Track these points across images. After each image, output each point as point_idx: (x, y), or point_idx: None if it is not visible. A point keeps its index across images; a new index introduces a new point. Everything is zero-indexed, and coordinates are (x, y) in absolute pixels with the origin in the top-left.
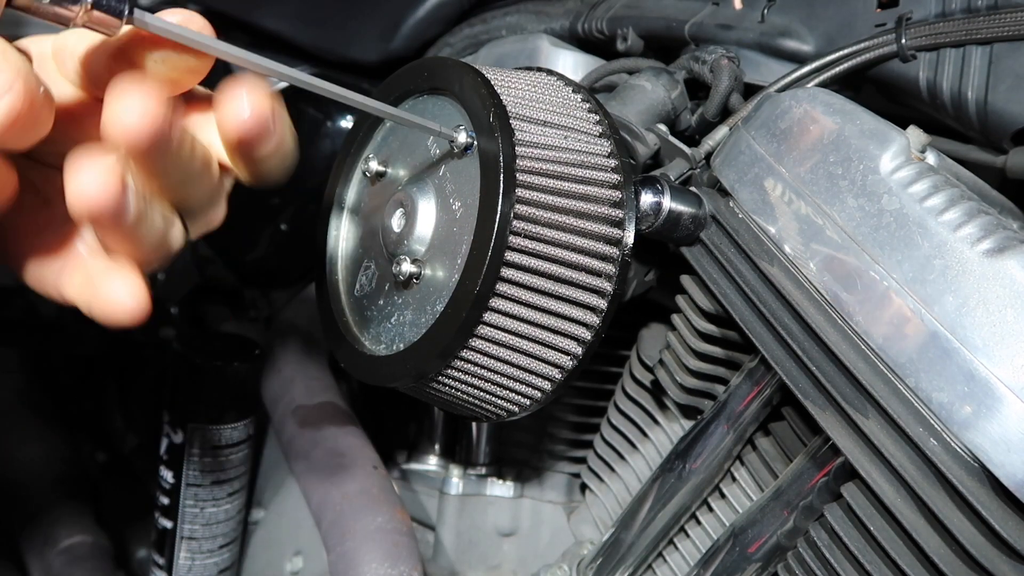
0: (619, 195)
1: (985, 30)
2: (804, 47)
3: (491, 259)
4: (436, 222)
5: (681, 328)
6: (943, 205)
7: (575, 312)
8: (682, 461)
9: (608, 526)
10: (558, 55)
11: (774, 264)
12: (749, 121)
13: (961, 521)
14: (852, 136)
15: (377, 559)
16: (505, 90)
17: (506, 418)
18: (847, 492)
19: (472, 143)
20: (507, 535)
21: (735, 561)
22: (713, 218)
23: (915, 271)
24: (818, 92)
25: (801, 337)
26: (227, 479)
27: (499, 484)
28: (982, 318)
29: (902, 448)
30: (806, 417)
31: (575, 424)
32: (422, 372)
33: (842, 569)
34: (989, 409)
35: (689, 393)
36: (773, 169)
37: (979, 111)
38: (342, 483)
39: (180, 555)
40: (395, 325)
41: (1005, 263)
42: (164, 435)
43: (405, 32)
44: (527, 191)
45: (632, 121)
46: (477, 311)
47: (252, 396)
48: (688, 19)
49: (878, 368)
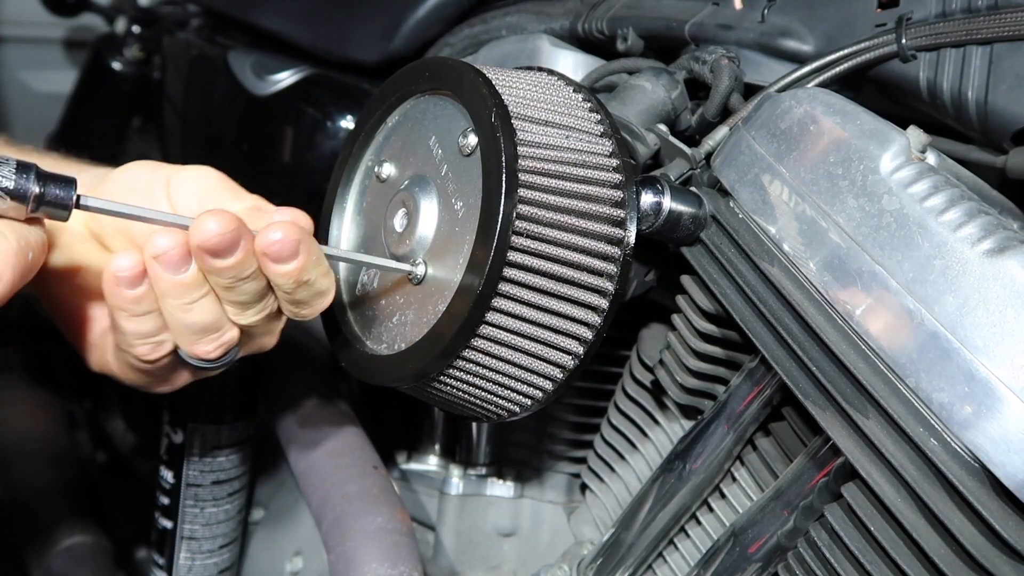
0: (621, 195)
1: (985, 30)
2: (804, 47)
3: (493, 259)
4: (438, 222)
5: (681, 328)
6: (943, 205)
7: (577, 312)
8: (682, 461)
9: (608, 526)
10: (558, 55)
11: (774, 264)
12: (749, 121)
13: (961, 521)
14: (852, 136)
15: (377, 559)
16: (506, 90)
17: (507, 418)
18: (847, 492)
19: (475, 148)
20: (507, 535)
21: (735, 561)
22: (713, 218)
23: (915, 271)
24: (818, 92)
25: (801, 337)
26: (227, 479)
27: (499, 484)
28: (982, 318)
29: (902, 448)
30: (806, 417)
31: (575, 424)
32: (423, 372)
33: (842, 569)
34: (989, 409)
35: (689, 393)
36: (773, 169)
37: (979, 111)
38: (342, 483)
39: (180, 555)
40: (396, 324)
41: (1005, 263)
42: (164, 435)
43: (405, 32)
44: (529, 191)
45: (632, 121)
46: (479, 310)
47: (252, 396)
48: (688, 19)
49: (878, 368)
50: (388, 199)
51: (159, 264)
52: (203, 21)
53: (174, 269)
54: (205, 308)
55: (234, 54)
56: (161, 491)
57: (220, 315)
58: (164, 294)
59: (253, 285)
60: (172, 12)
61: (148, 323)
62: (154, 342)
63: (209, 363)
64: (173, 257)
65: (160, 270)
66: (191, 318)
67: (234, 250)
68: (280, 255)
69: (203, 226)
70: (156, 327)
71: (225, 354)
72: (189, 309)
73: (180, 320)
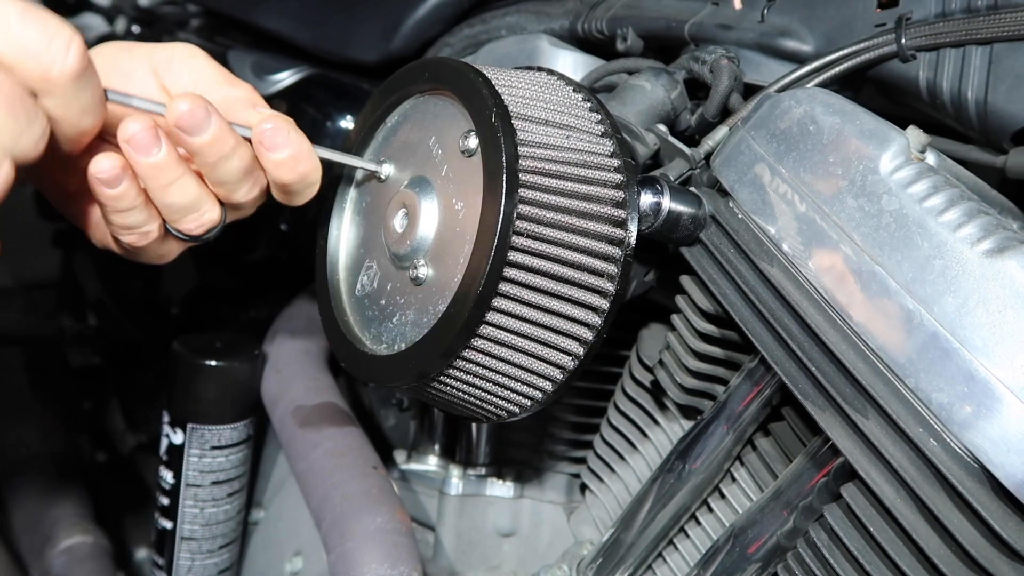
0: (622, 195)
1: (985, 30)
2: (804, 47)
3: (494, 259)
4: (439, 222)
5: (681, 328)
6: (943, 205)
7: (577, 312)
8: (682, 461)
9: (608, 526)
10: (558, 55)
11: (774, 264)
12: (749, 121)
13: (961, 521)
14: (852, 136)
15: (377, 559)
16: (506, 90)
17: (507, 419)
18: (847, 492)
19: (476, 148)
20: (507, 535)
21: (735, 562)
22: (713, 218)
23: (915, 271)
24: (818, 92)
25: (801, 337)
26: (227, 479)
27: (499, 484)
28: (982, 318)
29: (902, 448)
30: (806, 417)
31: (575, 424)
32: (424, 372)
33: (842, 570)
34: (989, 409)
35: (689, 393)
36: (773, 169)
37: (979, 111)
38: (342, 483)
39: (180, 555)
40: (397, 325)
41: (1005, 263)
42: (164, 435)
43: (405, 32)
44: (530, 191)
45: (632, 121)
46: (480, 311)
47: (252, 396)
48: (688, 19)
49: (878, 368)
50: (388, 199)
51: (130, 147)
52: (203, 21)
53: (145, 152)
54: (183, 188)
55: (234, 54)
56: (161, 491)
57: (199, 195)
58: (142, 177)
59: (235, 163)
60: (172, 12)
61: (131, 217)
62: (139, 232)
63: (193, 238)
64: (143, 139)
65: (132, 152)
66: (170, 198)
67: (206, 127)
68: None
69: (175, 106)
70: (140, 220)
71: (209, 231)
72: (167, 190)
73: (161, 200)
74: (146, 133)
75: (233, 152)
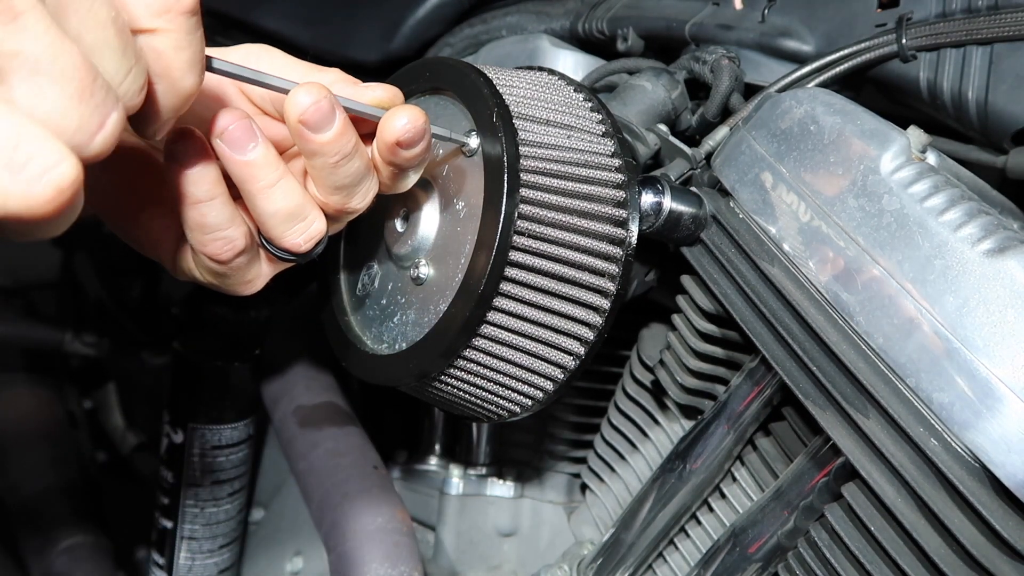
0: (623, 195)
1: (985, 30)
2: (804, 47)
3: (495, 259)
4: (440, 222)
5: (681, 328)
6: (943, 205)
7: (578, 312)
8: (682, 461)
9: (608, 526)
10: (558, 55)
11: (774, 264)
12: (749, 121)
13: (961, 521)
14: (852, 136)
15: (377, 559)
16: (507, 90)
17: (508, 418)
18: (847, 492)
19: (477, 148)
20: (507, 535)
21: (735, 561)
22: (713, 218)
23: (915, 271)
24: (818, 92)
25: (801, 337)
26: (227, 479)
27: (499, 484)
28: (982, 318)
29: (902, 448)
30: (806, 417)
31: (575, 424)
32: (425, 371)
33: (842, 569)
34: (990, 409)
35: (689, 393)
36: (773, 169)
37: (979, 111)
38: (342, 483)
39: (180, 555)
40: (398, 324)
41: (1005, 263)
42: (164, 435)
43: (405, 32)
44: (531, 191)
45: (633, 121)
46: (481, 310)
47: (252, 396)
48: (688, 19)
49: (878, 368)
50: (389, 199)
51: (223, 143)
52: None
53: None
54: (287, 191)
55: None
56: (161, 491)
57: (304, 199)
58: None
59: (357, 163)
60: None
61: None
62: (223, 237)
63: (297, 256)
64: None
65: (226, 150)
66: (273, 204)
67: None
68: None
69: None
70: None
71: (317, 244)
72: (268, 194)
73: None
74: (241, 125)
75: (355, 150)
